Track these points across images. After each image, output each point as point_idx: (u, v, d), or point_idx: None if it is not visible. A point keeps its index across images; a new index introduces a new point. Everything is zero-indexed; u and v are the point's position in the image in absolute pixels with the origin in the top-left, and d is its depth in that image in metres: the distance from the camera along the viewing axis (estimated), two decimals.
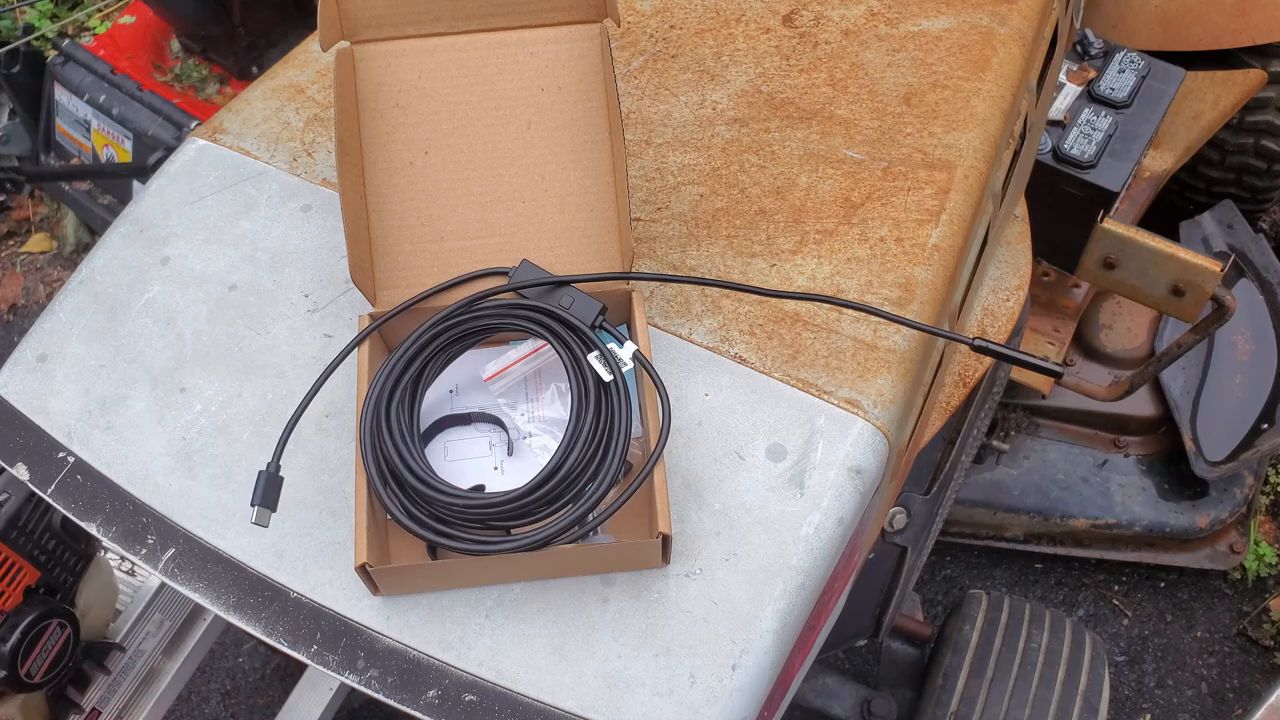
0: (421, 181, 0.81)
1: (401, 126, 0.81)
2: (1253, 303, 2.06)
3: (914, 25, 1.02)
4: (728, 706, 0.70)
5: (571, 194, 0.82)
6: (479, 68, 0.81)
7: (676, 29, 1.03)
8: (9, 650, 1.05)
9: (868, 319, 0.84)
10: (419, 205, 0.81)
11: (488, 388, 0.82)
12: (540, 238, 0.82)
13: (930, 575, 2.21)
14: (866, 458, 0.79)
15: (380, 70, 0.80)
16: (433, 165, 0.81)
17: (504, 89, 0.82)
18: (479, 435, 0.81)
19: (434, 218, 0.82)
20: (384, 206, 0.81)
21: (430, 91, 0.81)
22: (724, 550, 0.75)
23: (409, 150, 0.81)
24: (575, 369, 0.74)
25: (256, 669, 2.14)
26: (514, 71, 0.82)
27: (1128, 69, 1.69)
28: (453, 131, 0.81)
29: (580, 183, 0.82)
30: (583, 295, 0.77)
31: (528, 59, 0.82)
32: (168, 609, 1.31)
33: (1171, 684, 2.09)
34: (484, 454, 0.80)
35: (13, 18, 3.07)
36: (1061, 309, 1.95)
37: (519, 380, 0.82)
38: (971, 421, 1.34)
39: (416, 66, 0.81)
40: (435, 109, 0.81)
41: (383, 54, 0.80)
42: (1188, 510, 2.03)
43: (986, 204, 0.98)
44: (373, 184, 0.81)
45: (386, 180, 0.81)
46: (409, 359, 0.75)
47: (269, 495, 0.74)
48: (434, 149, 0.81)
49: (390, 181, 0.81)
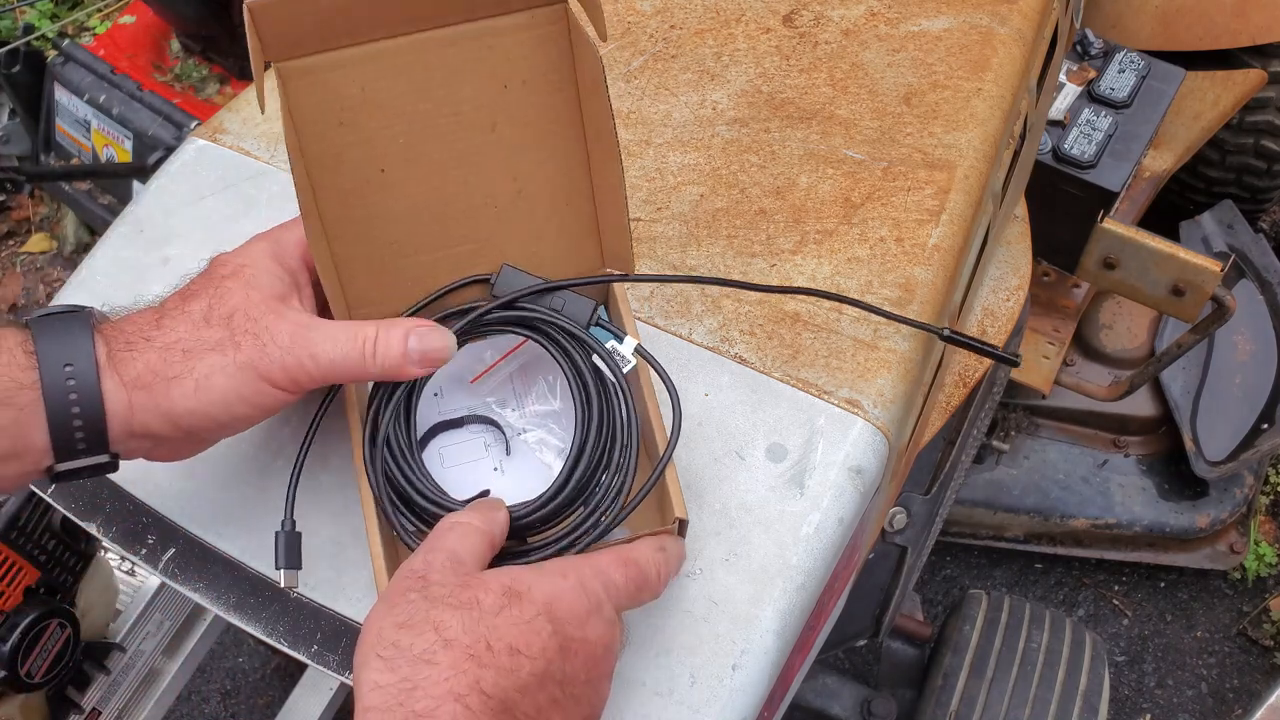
0: (381, 202, 0.74)
1: (351, 146, 0.73)
2: (1253, 303, 2.06)
3: (914, 25, 1.02)
4: (728, 706, 0.70)
5: (545, 192, 0.77)
6: (431, 71, 0.72)
7: (676, 29, 1.03)
8: (9, 650, 1.05)
9: (868, 319, 0.84)
10: (382, 227, 0.74)
11: (473, 388, 0.80)
12: (516, 241, 0.77)
13: (930, 575, 2.21)
14: (867, 458, 0.79)
15: (317, 88, 0.71)
16: (391, 184, 0.74)
17: (462, 91, 0.72)
18: (473, 437, 0.79)
19: (400, 236, 0.75)
20: (343, 235, 0.74)
21: (378, 105, 0.73)
22: (724, 550, 0.75)
23: (362, 171, 0.74)
24: (575, 374, 0.72)
25: (256, 669, 2.14)
26: (471, 70, 0.72)
27: (1128, 69, 1.69)
28: (409, 145, 0.74)
29: (554, 180, 0.77)
30: (574, 295, 0.75)
31: (485, 55, 0.72)
32: (168, 609, 1.31)
33: (1171, 684, 2.09)
34: (480, 456, 0.78)
35: (13, 18, 3.07)
36: (1061, 309, 1.95)
37: (505, 378, 0.80)
38: (971, 421, 1.34)
39: (358, 79, 0.72)
40: (386, 123, 0.73)
41: (317, 70, 0.71)
42: (1188, 510, 2.03)
43: (986, 204, 0.98)
44: (328, 213, 0.74)
45: (341, 208, 0.74)
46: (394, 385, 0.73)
47: (291, 555, 0.71)
48: (391, 166, 0.74)
49: (346, 207, 0.74)
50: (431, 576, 0.59)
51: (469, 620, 0.56)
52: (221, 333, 0.66)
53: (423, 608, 0.57)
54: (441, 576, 0.59)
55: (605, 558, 0.64)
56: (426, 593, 0.58)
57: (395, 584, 0.60)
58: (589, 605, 0.61)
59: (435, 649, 0.55)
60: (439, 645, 0.56)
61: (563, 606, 0.60)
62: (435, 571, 0.59)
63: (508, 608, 0.58)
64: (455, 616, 0.57)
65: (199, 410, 0.65)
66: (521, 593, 0.59)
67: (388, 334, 0.68)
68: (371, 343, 0.68)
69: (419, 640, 0.55)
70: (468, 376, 0.80)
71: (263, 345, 0.66)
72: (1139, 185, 2.04)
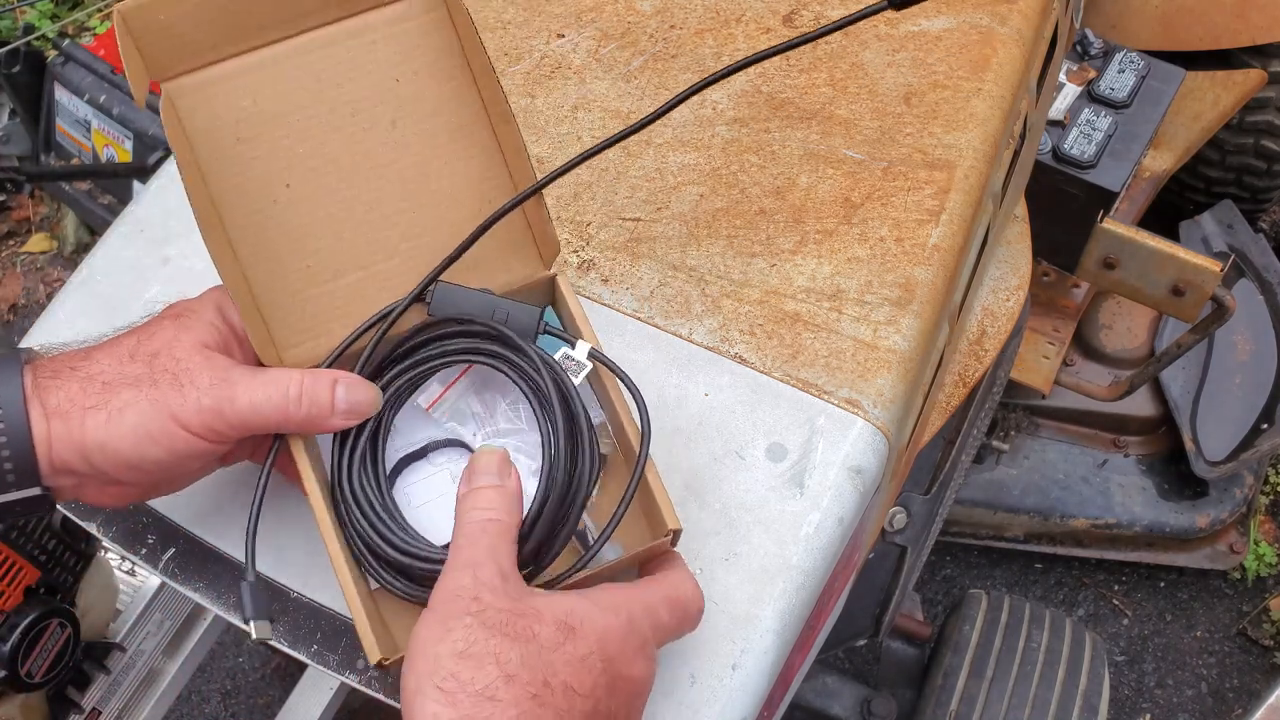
0: (292, 219, 0.70)
1: (252, 162, 0.69)
2: (1253, 303, 2.06)
3: (914, 25, 1.02)
4: (728, 706, 0.70)
5: (463, 189, 0.72)
6: (320, 73, 0.70)
7: (676, 29, 1.03)
8: (9, 650, 1.05)
9: (868, 319, 0.84)
10: (297, 246, 0.71)
11: (430, 416, 0.75)
12: (442, 246, 0.71)
13: (930, 575, 2.21)
14: (866, 457, 0.79)
15: (207, 104, 0.68)
16: (300, 198, 0.70)
17: (354, 90, 0.70)
18: (437, 470, 0.73)
19: (318, 255, 0.71)
20: (257, 259, 0.70)
21: (273, 114, 0.69)
22: (724, 550, 0.75)
23: (267, 188, 0.69)
24: (533, 390, 0.68)
25: (256, 669, 2.14)
26: (360, 67, 0.70)
27: (1128, 69, 1.69)
28: (311, 154, 0.70)
29: (469, 174, 0.72)
30: (516, 304, 0.70)
31: (370, 49, 0.70)
32: (168, 609, 1.31)
33: (1171, 684, 2.09)
34: (448, 489, 0.72)
35: (13, 18, 3.07)
36: (1061, 309, 1.95)
37: (461, 395, 0.75)
38: (971, 421, 1.34)
39: (249, 89, 0.68)
40: (284, 133, 0.69)
41: (205, 84, 0.68)
42: (1188, 510, 2.03)
43: (986, 204, 0.99)
44: (240, 242, 0.69)
45: (251, 229, 0.70)
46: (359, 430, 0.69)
47: (259, 605, 0.67)
48: (295, 179, 0.70)
49: (257, 229, 0.70)
50: (484, 598, 0.58)
51: (528, 654, 0.56)
52: (142, 369, 0.64)
53: (481, 636, 0.56)
54: (494, 598, 0.58)
55: (655, 595, 0.64)
56: (482, 618, 0.57)
57: (446, 602, 0.58)
58: (637, 644, 0.61)
59: (497, 685, 0.54)
60: (501, 681, 0.54)
61: (613, 644, 0.59)
62: (486, 591, 0.58)
63: (564, 645, 0.57)
64: (514, 649, 0.56)
65: (109, 445, 0.63)
66: (575, 628, 0.58)
67: (314, 383, 0.66)
68: (297, 390, 0.65)
69: (480, 674, 0.54)
70: (423, 401, 0.75)
71: (180, 386, 0.64)
72: (1139, 185, 2.04)
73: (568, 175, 0.73)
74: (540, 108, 0.97)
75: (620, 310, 0.86)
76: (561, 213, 0.91)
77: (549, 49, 1.01)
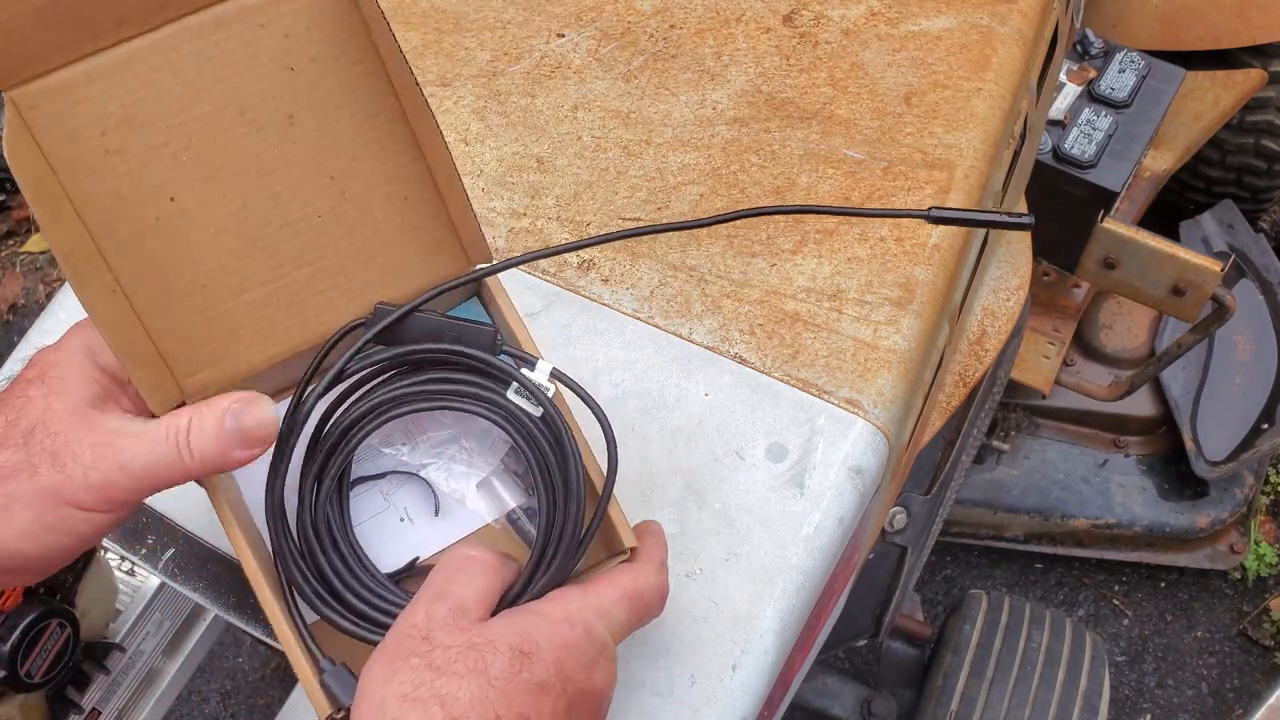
0: (179, 235, 0.61)
1: (124, 176, 0.59)
2: (1253, 303, 2.06)
3: (914, 25, 1.02)
4: (728, 706, 0.70)
5: (375, 189, 0.64)
6: (198, 65, 0.60)
7: (676, 29, 1.03)
8: (9, 650, 1.04)
9: (868, 319, 0.84)
10: (187, 265, 0.62)
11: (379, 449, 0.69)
12: (359, 253, 0.64)
13: (930, 575, 2.21)
14: (867, 458, 0.79)
15: (65, 112, 0.58)
16: (187, 212, 0.61)
17: (241, 83, 0.61)
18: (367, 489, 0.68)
19: (214, 276, 0.62)
20: (140, 284, 0.61)
21: (146, 119, 0.59)
22: (724, 550, 0.75)
23: (147, 203, 0.60)
24: (508, 420, 0.63)
25: (256, 669, 2.14)
26: (246, 56, 0.60)
27: (1128, 69, 1.69)
28: (195, 161, 0.60)
29: (381, 173, 0.64)
30: (466, 325, 0.64)
31: (258, 34, 0.60)
32: (168, 609, 1.30)
33: (1171, 684, 2.09)
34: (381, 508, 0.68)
35: None
36: (1061, 309, 1.95)
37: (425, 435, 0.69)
38: (971, 421, 1.34)
39: (114, 93, 0.58)
40: (162, 139, 0.60)
41: (61, 89, 0.58)
42: (1188, 510, 2.03)
43: (987, 204, 0.99)
44: (116, 262, 0.60)
45: (131, 251, 0.61)
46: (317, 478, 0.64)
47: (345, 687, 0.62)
48: (180, 191, 0.60)
49: (137, 250, 0.61)
50: (435, 636, 0.55)
51: (478, 691, 0.53)
52: (18, 456, 0.57)
53: (427, 678, 0.53)
54: (446, 635, 0.55)
55: (610, 596, 0.61)
56: (430, 658, 0.54)
57: (396, 640, 0.56)
58: (595, 652, 0.59)
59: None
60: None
61: (570, 661, 0.57)
62: (438, 628, 0.56)
63: (519, 673, 0.55)
64: (463, 687, 0.53)
65: (8, 546, 0.57)
66: (530, 652, 0.56)
67: (201, 420, 0.59)
68: (184, 434, 0.58)
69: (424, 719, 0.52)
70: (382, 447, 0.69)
71: (63, 465, 0.57)
72: (1139, 185, 2.04)
73: (568, 175, 0.72)
74: (540, 107, 0.97)
75: (620, 310, 0.86)
76: (561, 212, 0.91)
77: (549, 49, 1.01)
